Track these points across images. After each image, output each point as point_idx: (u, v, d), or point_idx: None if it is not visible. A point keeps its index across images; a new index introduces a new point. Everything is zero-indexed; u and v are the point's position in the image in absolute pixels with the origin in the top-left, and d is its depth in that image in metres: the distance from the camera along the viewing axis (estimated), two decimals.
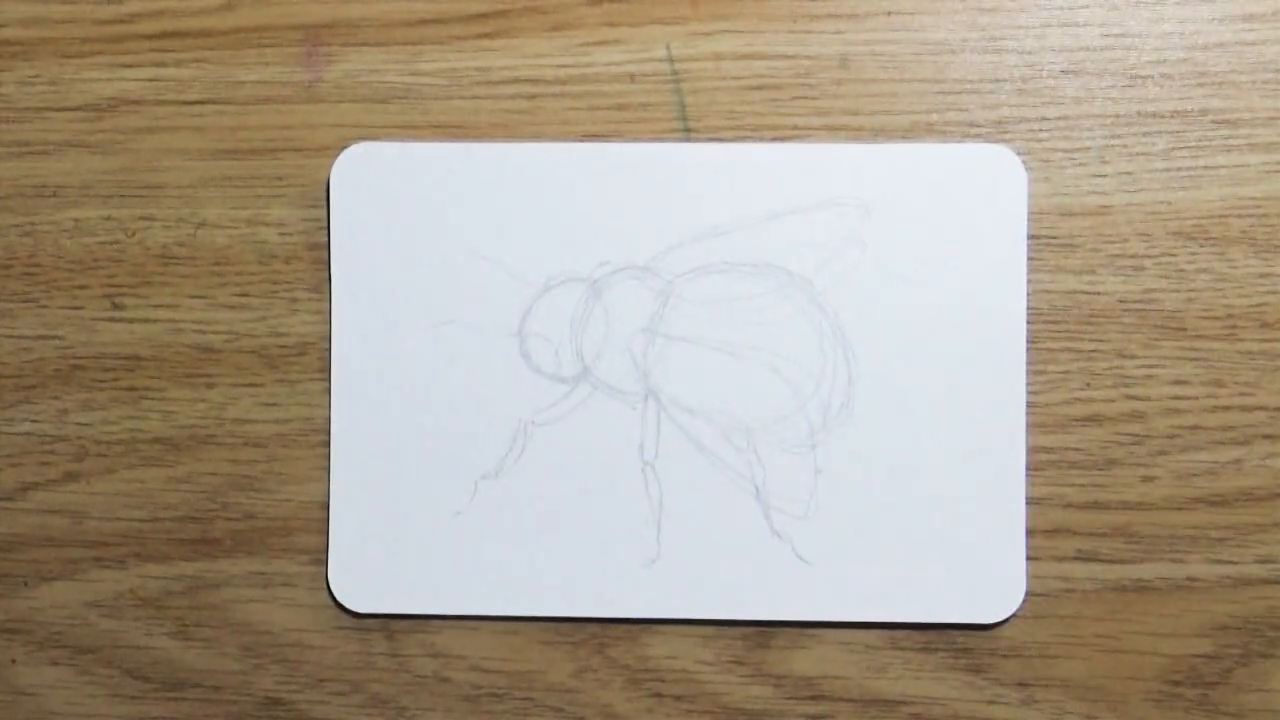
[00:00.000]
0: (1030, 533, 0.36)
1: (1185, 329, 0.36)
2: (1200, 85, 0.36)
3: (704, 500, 0.36)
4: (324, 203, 0.37)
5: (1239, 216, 0.36)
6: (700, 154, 0.37)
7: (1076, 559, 0.36)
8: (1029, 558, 0.36)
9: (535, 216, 0.37)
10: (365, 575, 0.36)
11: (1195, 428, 0.36)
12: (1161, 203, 0.36)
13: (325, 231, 0.37)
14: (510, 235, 0.37)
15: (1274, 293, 0.36)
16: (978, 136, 0.36)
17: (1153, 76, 0.37)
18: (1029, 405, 0.36)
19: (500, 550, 0.36)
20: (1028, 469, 0.36)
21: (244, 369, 0.37)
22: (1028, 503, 0.36)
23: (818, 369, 0.36)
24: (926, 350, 0.36)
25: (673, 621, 0.36)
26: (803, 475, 0.36)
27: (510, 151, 0.37)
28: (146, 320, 0.37)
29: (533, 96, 0.37)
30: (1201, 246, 0.36)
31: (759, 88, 0.37)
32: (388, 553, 0.36)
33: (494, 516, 0.36)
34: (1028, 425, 0.36)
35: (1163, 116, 0.36)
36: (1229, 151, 0.36)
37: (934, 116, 0.37)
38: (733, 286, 0.37)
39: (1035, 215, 0.36)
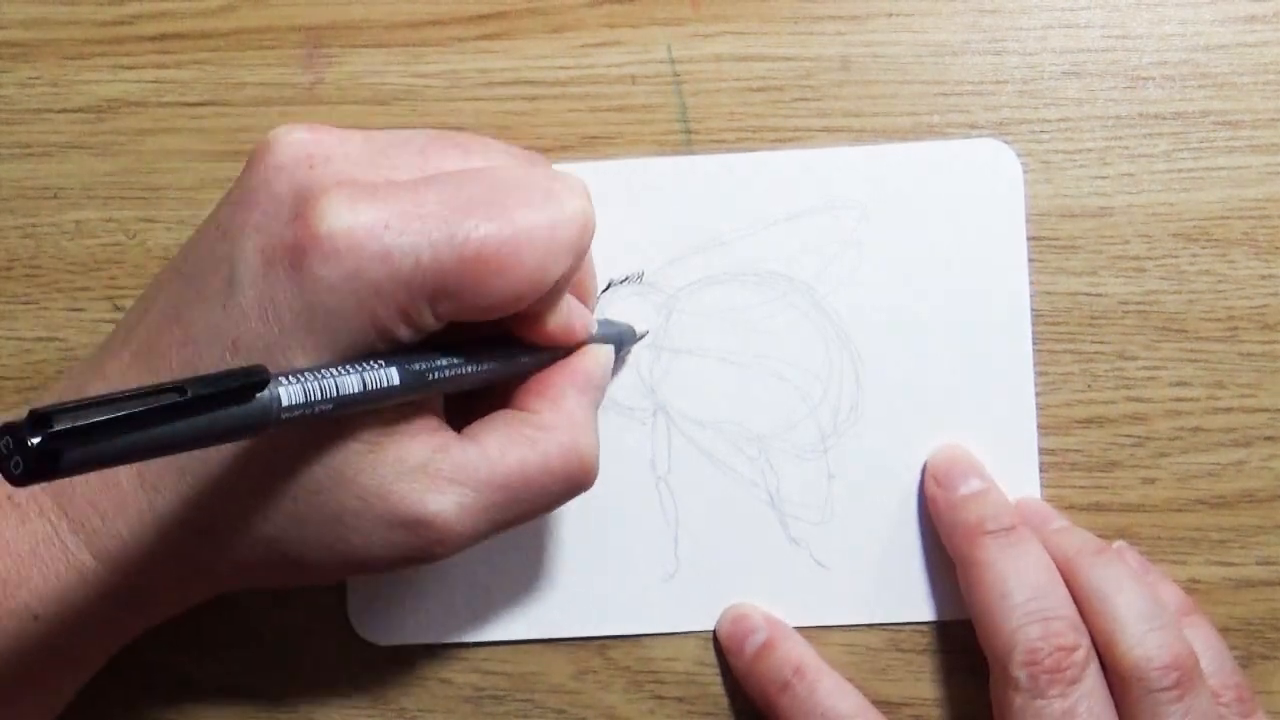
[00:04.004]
0: None
1: (1187, 331, 0.36)
2: (1202, 87, 0.36)
3: (719, 512, 0.36)
4: None
5: (1240, 218, 0.36)
6: (694, 166, 0.37)
7: None
8: None
9: None
10: (384, 608, 0.36)
11: (1197, 429, 0.36)
12: (1163, 204, 0.36)
13: None
14: None
15: (1275, 294, 0.36)
16: (979, 138, 0.36)
17: (1154, 78, 0.36)
18: None
19: (518, 574, 0.36)
20: (1041, 468, 0.36)
21: None
22: None
23: (825, 374, 0.36)
24: (933, 348, 0.36)
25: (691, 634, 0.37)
26: (816, 481, 0.36)
27: None
28: None
29: (533, 98, 0.37)
30: (1203, 248, 0.36)
31: (760, 89, 0.37)
32: (405, 583, 0.36)
33: (510, 541, 0.36)
34: (1038, 418, 0.36)
35: (1164, 118, 0.36)
36: (1230, 153, 0.36)
37: (935, 118, 0.37)
38: (735, 296, 0.36)
39: (1036, 217, 0.36)
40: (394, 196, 0.27)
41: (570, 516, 0.36)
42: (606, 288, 0.36)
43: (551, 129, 0.37)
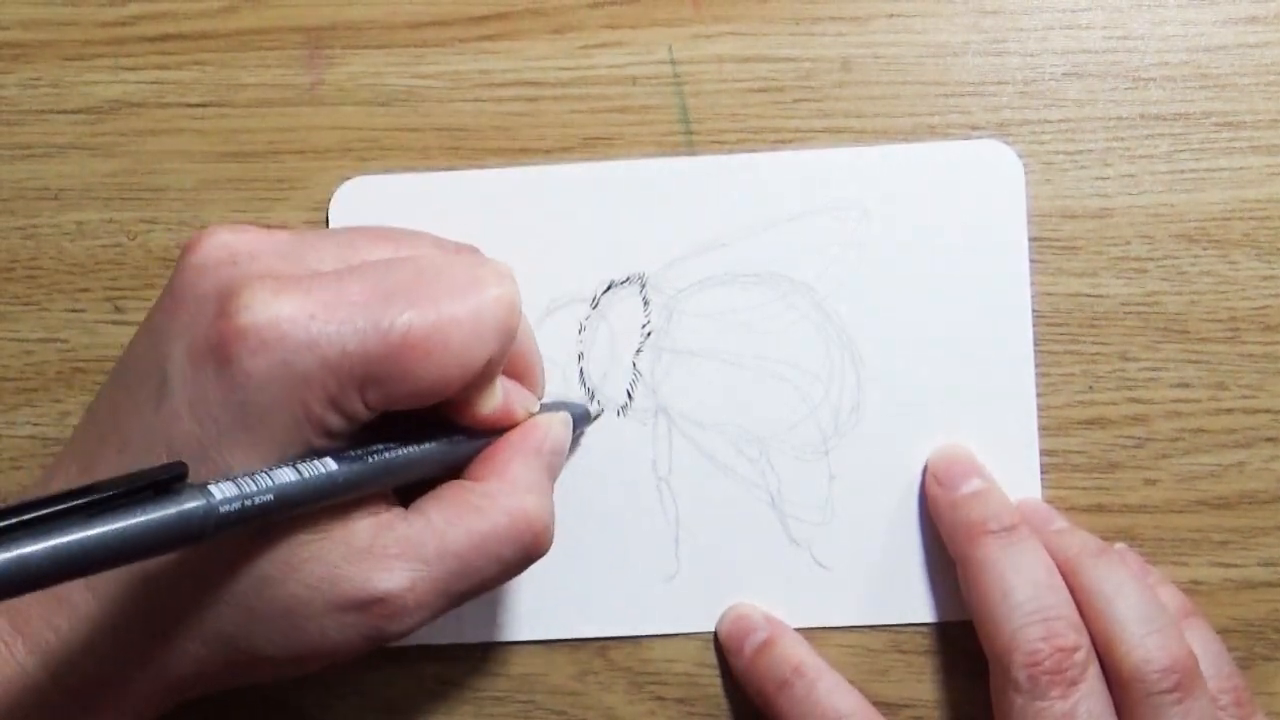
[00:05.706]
0: None
1: (1188, 332, 0.36)
2: (1203, 88, 0.36)
3: (720, 513, 0.36)
4: (325, 205, 0.37)
5: (1241, 219, 0.36)
6: (694, 167, 0.37)
7: None
8: None
9: (534, 239, 0.36)
10: None
11: (1198, 431, 0.36)
12: (1164, 205, 0.36)
13: None
14: (510, 259, 0.36)
15: (1277, 295, 0.36)
16: (980, 139, 0.36)
17: (1155, 79, 0.36)
18: None
19: (519, 576, 0.36)
20: (1042, 469, 0.36)
21: None
22: None
23: (825, 374, 0.36)
24: (934, 349, 0.36)
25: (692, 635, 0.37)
26: (817, 481, 0.36)
27: (506, 177, 0.37)
28: None
29: (534, 99, 0.37)
30: (1204, 249, 0.36)
31: (761, 90, 0.37)
32: None
33: None
34: (1039, 419, 0.36)
35: (1165, 119, 0.36)
36: (1232, 154, 0.36)
37: (936, 119, 0.37)
38: (735, 297, 0.36)
39: (1037, 218, 0.36)
40: (318, 286, 0.27)
41: (571, 517, 0.36)
42: (607, 288, 0.36)
43: (552, 129, 0.37)
